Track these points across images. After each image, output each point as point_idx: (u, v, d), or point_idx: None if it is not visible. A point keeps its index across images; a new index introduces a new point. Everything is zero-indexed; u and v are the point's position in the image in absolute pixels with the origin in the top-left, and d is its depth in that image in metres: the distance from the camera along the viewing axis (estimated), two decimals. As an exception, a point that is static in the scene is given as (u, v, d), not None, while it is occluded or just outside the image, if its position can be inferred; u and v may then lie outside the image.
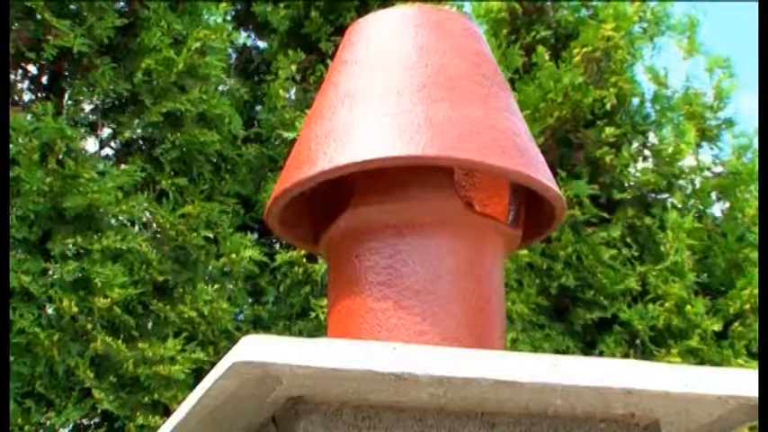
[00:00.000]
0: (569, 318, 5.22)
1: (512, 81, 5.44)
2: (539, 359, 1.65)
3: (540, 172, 1.96)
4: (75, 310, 4.06)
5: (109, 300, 4.10)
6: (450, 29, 2.07)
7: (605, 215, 5.41)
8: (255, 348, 1.52)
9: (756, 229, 5.75)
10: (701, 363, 5.29)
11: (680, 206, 5.64)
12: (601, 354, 5.22)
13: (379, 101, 1.93)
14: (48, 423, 3.97)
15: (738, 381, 1.75)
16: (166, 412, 4.10)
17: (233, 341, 4.36)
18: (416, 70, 1.97)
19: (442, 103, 1.92)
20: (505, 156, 1.91)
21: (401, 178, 1.91)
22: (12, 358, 3.94)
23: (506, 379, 1.61)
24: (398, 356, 1.56)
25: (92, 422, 4.05)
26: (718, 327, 5.38)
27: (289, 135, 4.82)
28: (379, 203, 1.92)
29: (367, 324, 1.88)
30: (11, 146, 4.15)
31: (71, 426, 3.99)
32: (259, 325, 4.50)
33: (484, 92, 1.99)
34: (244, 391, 1.61)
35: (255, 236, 4.79)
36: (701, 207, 5.79)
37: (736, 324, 5.50)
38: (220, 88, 4.82)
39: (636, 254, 5.42)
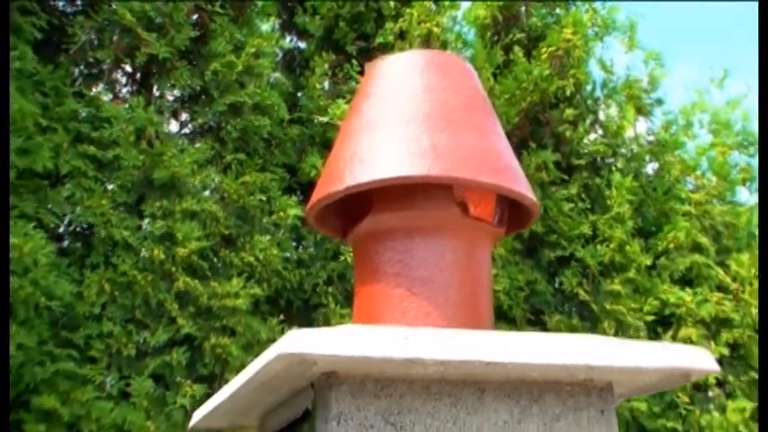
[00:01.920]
0: (537, 256, 5.17)
1: (494, 74, 5.36)
2: (519, 342, 1.61)
3: (520, 184, 1.91)
4: (162, 257, 4.02)
5: (188, 249, 4.06)
6: (449, 69, 2.00)
7: (565, 177, 5.35)
8: (295, 341, 1.48)
9: (681, 187, 5.70)
10: (636, 289, 5.26)
11: (622, 169, 5.56)
12: (561, 284, 5.18)
13: (393, 129, 1.88)
14: (143, 341, 3.94)
15: (676, 355, 1.71)
16: (232, 334, 4.09)
17: (282, 278, 4.35)
18: (422, 104, 1.92)
19: (444, 132, 1.87)
20: (493, 173, 1.86)
21: (411, 192, 1.86)
22: (117, 293, 3.92)
23: (493, 360, 1.58)
24: (409, 344, 1.53)
25: (176, 341, 4.01)
26: (649, 261, 5.34)
27: (323, 118, 4.76)
28: (394, 211, 1.88)
29: (384, 307, 1.84)
30: (112, 131, 4.11)
31: (162, 344, 3.94)
32: (301, 265, 4.45)
33: (476, 121, 1.93)
34: (287, 369, 1.59)
35: (298, 197, 4.72)
36: (637, 169, 5.72)
37: (663, 258, 5.47)
38: (270, 82, 4.74)
39: (588, 206, 5.37)
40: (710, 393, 5.24)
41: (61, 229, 4.14)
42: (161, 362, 3.92)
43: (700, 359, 1.73)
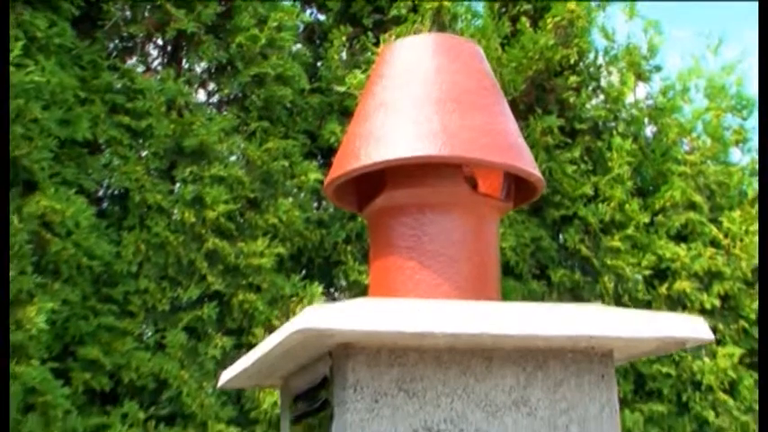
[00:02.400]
0: (542, 215, 5.13)
1: (502, 44, 5.27)
2: (525, 314, 1.58)
3: (525, 162, 1.87)
4: (192, 219, 4.00)
5: (216, 212, 4.04)
6: (459, 52, 1.96)
7: (569, 140, 5.28)
8: (314, 317, 1.46)
9: (677, 149, 5.63)
10: (634, 245, 5.22)
11: (622, 132, 5.50)
12: (564, 241, 5.15)
13: (405, 110, 1.85)
14: (177, 297, 3.94)
15: (673, 324, 1.69)
16: (258, 290, 4.08)
17: (304, 238, 4.33)
18: (434, 86, 1.88)
19: (454, 113, 1.83)
20: (501, 152, 1.83)
21: (423, 170, 1.83)
22: (151, 253, 3.91)
23: (500, 333, 1.55)
24: (420, 319, 1.51)
25: (206, 297, 4.01)
26: (647, 219, 5.29)
27: (340, 88, 4.70)
28: (407, 188, 1.85)
29: (398, 278, 1.82)
30: (145, 102, 4.07)
31: (193, 299, 3.94)
32: (322, 225, 4.43)
33: (485, 102, 1.89)
34: (306, 342, 1.58)
35: (319, 161, 4.68)
36: (636, 132, 5.65)
37: (660, 216, 5.42)
38: (291, 53, 4.68)
39: (590, 168, 5.32)
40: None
41: (100, 194, 4.12)
42: (193, 316, 3.92)
43: (695, 328, 1.70)
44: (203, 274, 3.99)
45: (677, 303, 5.23)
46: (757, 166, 5.84)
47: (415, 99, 1.86)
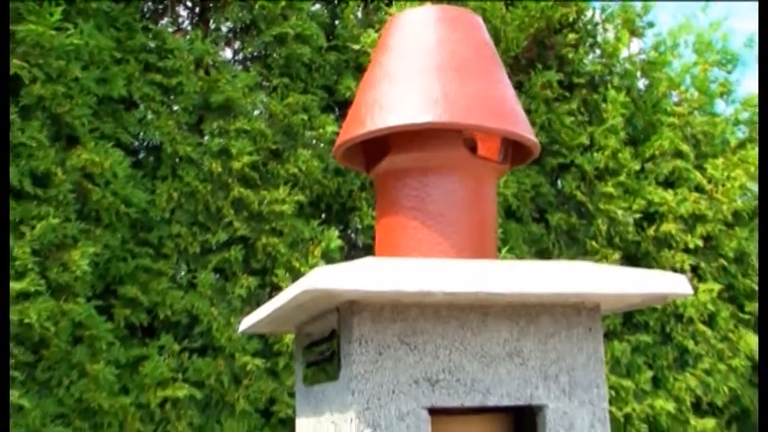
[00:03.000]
0: (542, 163, 5.05)
1: (506, 5, 5.13)
2: (518, 273, 1.54)
3: (522, 127, 1.81)
4: (219, 169, 3.95)
5: (241, 162, 3.99)
6: (459, 23, 1.88)
7: (567, 94, 5.17)
8: (321, 278, 1.42)
9: (667, 101, 5.52)
10: (626, 191, 5.15)
11: (616, 86, 5.38)
12: (561, 187, 5.08)
13: (408, 79, 1.79)
14: (206, 241, 3.91)
15: (656, 281, 1.64)
16: (280, 234, 4.05)
17: (322, 186, 4.28)
18: (435, 56, 1.81)
19: (454, 81, 1.76)
20: (498, 118, 1.76)
21: (425, 135, 1.78)
22: (182, 200, 3.88)
23: (495, 291, 1.51)
24: (420, 279, 1.46)
25: (233, 241, 3.98)
26: (638, 166, 5.21)
27: (356, 46, 4.60)
28: (410, 152, 1.79)
29: (401, 237, 1.78)
30: (175, 60, 4.00)
31: (221, 243, 3.91)
32: (338, 174, 4.37)
33: (483, 70, 1.83)
34: (315, 299, 1.54)
35: (336, 114, 4.61)
36: (629, 85, 5.52)
37: (650, 164, 5.33)
38: (309, 14, 4.57)
39: (587, 119, 5.21)
40: (687, 277, 5.16)
41: (135, 147, 4.07)
42: (221, 258, 3.90)
43: (677, 284, 1.65)
44: (230, 220, 3.96)
45: (663, 243, 5.17)
46: (739, 118, 5.73)
47: (418, 68, 1.79)
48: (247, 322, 1.94)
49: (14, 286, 3.21)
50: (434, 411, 1.57)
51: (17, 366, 3.27)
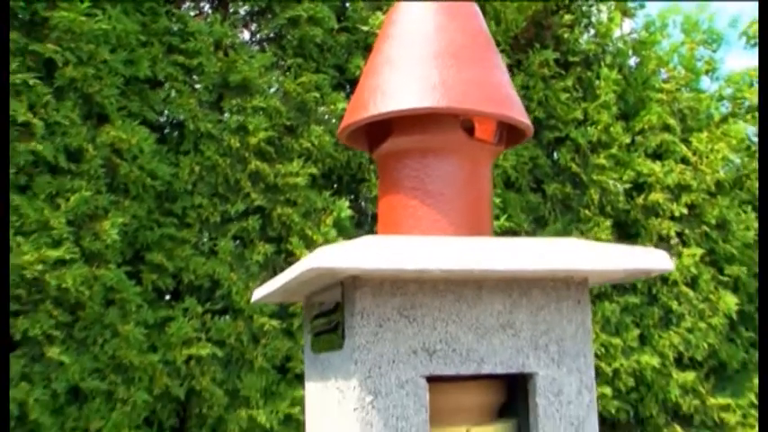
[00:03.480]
0: (539, 136, 4.99)
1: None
2: (511, 250, 1.51)
3: (516, 111, 1.77)
4: (237, 144, 3.92)
5: (257, 138, 3.95)
6: (457, 13, 1.83)
7: (562, 72, 5.09)
8: (324, 257, 1.39)
9: (656, 78, 5.43)
10: (617, 162, 5.08)
11: (609, 64, 5.29)
12: (557, 159, 5.02)
13: (409, 66, 1.74)
14: (226, 210, 3.89)
15: (640, 257, 1.61)
16: (294, 204, 4.02)
17: (333, 159, 4.24)
18: (433, 43, 1.76)
19: (451, 68, 1.72)
20: (494, 103, 1.72)
21: (424, 119, 1.74)
22: (204, 173, 3.85)
23: (489, 268, 1.48)
24: (418, 257, 1.44)
25: (250, 211, 3.96)
26: (628, 139, 5.14)
27: (365, 27, 4.53)
28: (410, 135, 1.75)
29: (402, 215, 1.74)
30: (196, 42, 3.95)
31: (240, 213, 3.89)
32: (348, 147, 4.32)
33: (479, 57, 1.78)
34: (320, 275, 1.51)
35: (346, 91, 4.55)
36: (621, 63, 5.43)
37: (639, 137, 5.25)
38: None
39: (581, 95, 5.14)
40: (672, 242, 5.12)
41: (160, 123, 4.03)
42: (240, 227, 3.88)
43: (659, 261, 1.61)
44: (247, 192, 3.93)
45: (651, 212, 5.11)
46: (723, 94, 5.65)
47: (417, 55, 1.75)
48: (259, 293, 1.92)
49: (52, 254, 3.21)
50: (432, 379, 1.55)
51: (57, 326, 3.27)
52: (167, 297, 3.76)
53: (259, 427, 3.57)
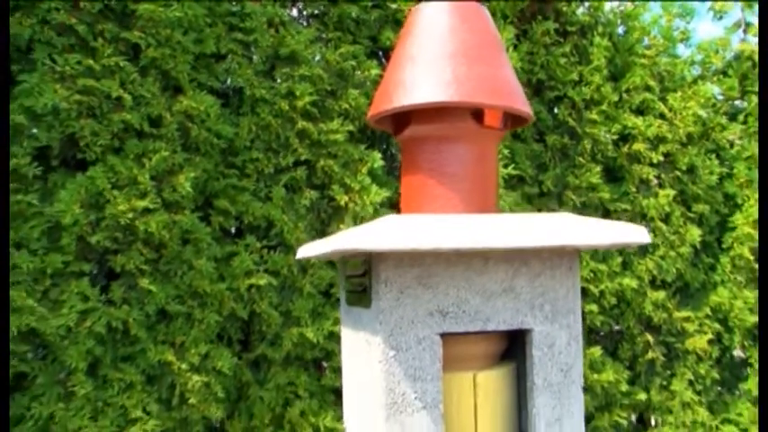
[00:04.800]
0: (542, 95, 4.80)
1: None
2: (512, 228, 1.43)
3: (520, 102, 1.66)
4: (287, 108, 3.81)
5: (303, 101, 3.83)
6: (468, 14, 1.71)
7: (561, 40, 4.86)
8: (350, 238, 1.32)
9: (639, 45, 5.16)
10: (607, 117, 4.89)
11: (601, 33, 5.04)
12: (557, 114, 4.84)
13: (426, 63, 1.64)
14: (278, 163, 3.80)
15: (622, 232, 1.52)
16: (334, 157, 3.92)
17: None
18: (447, 43, 1.66)
19: (463, 65, 1.61)
20: (500, 96, 1.62)
21: (440, 111, 1.65)
22: (259, 132, 3.76)
23: (494, 246, 1.40)
24: (431, 237, 1.37)
25: (298, 163, 3.86)
26: (616, 98, 4.93)
27: (393, 4, 4.33)
28: (428, 124, 1.67)
29: (421, 193, 1.67)
30: (252, 22, 3.81)
31: (289, 164, 3.80)
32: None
33: (488, 55, 1.66)
34: (347, 253, 1.44)
35: (379, 59, 4.39)
36: (611, 32, 5.16)
37: (625, 95, 5.02)
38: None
39: (577, 60, 4.91)
40: (651, 185, 4.96)
41: (223, 90, 3.93)
42: (289, 176, 3.80)
43: (637, 235, 1.53)
44: (295, 147, 3.83)
45: (634, 159, 4.94)
46: (695, 59, 5.37)
47: (434, 54, 1.64)
48: (302, 252, 1.87)
49: (139, 204, 3.18)
50: (445, 335, 1.49)
51: (146, 262, 3.27)
52: (232, 236, 3.73)
53: (308, 341, 3.58)
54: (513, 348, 1.65)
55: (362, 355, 1.59)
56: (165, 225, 3.27)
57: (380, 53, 4.50)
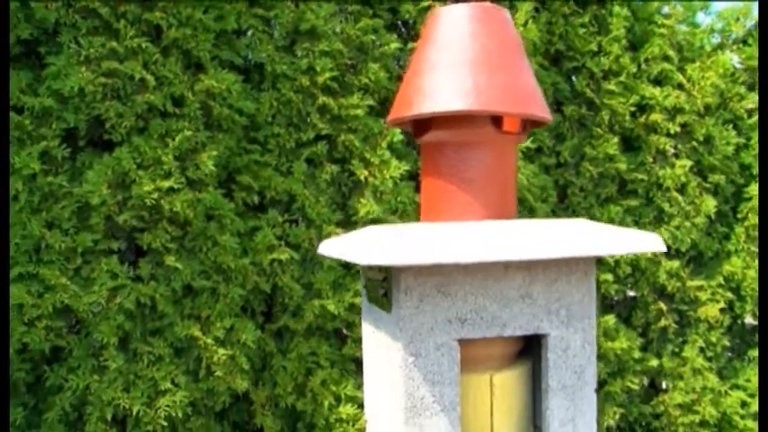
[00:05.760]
0: (560, 65, 4.71)
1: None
2: (530, 241, 1.43)
3: (538, 108, 1.64)
4: (307, 83, 3.78)
5: (324, 76, 3.79)
6: (489, 19, 1.67)
7: (580, 10, 4.74)
8: (371, 254, 1.33)
9: (658, 15, 5.02)
10: (625, 88, 4.79)
11: (619, 2, 4.89)
12: (574, 85, 4.75)
13: (446, 71, 1.62)
14: (299, 138, 3.79)
15: (637, 240, 1.51)
16: (354, 131, 3.90)
17: (387, 91, 4.07)
18: (468, 50, 1.63)
19: (483, 73, 1.59)
20: (519, 104, 1.59)
21: (459, 118, 1.63)
22: (281, 107, 3.74)
23: (512, 259, 1.40)
24: (449, 251, 1.37)
25: (319, 138, 3.86)
26: (634, 69, 4.82)
27: (412, -20, 4.25)
28: (448, 130, 1.65)
29: (441, 198, 1.67)
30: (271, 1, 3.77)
31: (310, 139, 3.78)
32: (400, 80, 4.14)
33: (509, 62, 1.63)
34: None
35: (399, 31, 4.31)
36: (629, 2, 5.00)
37: (644, 66, 4.91)
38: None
39: (596, 30, 4.79)
40: (668, 155, 4.89)
41: (245, 66, 3.90)
42: (310, 151, 3.80)
43: (652, 243, 1.52)
44: (316, 122, 3.82)
45: (651, 129, 4.86)
46: (714, 27, 5.21)
47: (454, 61, 1.62)
48: (323, 249, 1.88)
49: (164, 184, 3.21)
50: (463, 340, 1.51)
51: (172, 240, 3.31)
52: (254, 211, 3.75)
53: (329, 313, 3.64)
54: (528, 346, 1.67)
55: (383, 356, 1.61)
56: (189, 204, 3.29)
57: (400, 25, 4.43)
